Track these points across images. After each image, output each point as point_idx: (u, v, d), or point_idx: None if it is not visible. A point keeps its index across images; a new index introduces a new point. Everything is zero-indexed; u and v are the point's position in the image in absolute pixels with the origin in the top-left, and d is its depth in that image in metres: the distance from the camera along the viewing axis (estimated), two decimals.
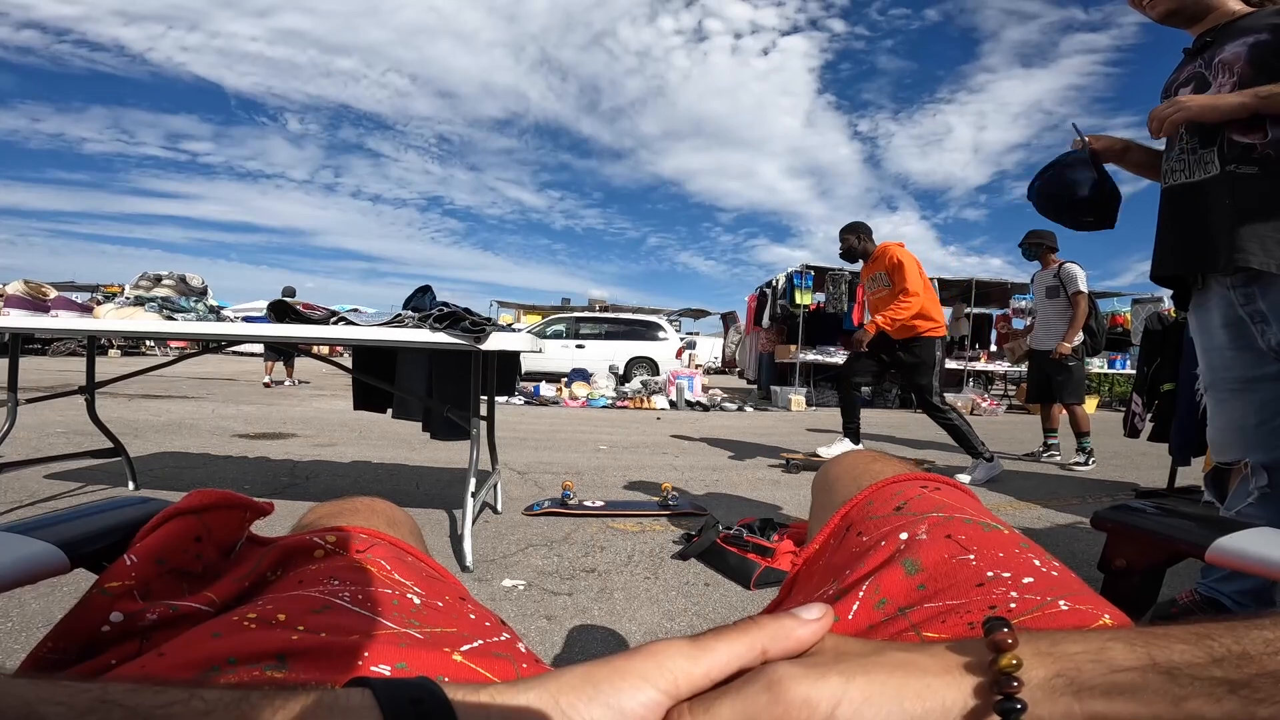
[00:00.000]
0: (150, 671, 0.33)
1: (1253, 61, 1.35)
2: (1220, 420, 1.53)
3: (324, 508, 0.58)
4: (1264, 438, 1.41)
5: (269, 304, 2.10)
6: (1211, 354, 1.54)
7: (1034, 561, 0.42)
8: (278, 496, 2.68)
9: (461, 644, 0.40)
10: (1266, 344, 1.39)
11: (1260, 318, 1.39)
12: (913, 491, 0.53)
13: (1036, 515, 3.00)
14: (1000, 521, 0.48)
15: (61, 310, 2.32)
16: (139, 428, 4.39)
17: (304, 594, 0.40)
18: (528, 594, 1.82)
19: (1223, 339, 1.49)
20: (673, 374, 9.37)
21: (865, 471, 0.60)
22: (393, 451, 3.98)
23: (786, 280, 9.92)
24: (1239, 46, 1.38)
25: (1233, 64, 1.38)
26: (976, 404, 9.07)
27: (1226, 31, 1.44)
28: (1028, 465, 4.56)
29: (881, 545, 0.46)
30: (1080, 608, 0.37)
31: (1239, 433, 1.46)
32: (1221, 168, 1.40)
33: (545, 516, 2.59)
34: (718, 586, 1.94)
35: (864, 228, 3.92)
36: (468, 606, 0.48)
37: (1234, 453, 1.48)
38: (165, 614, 0.38)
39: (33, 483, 2.68)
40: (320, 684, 0.33)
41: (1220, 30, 1.46)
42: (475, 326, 1.98)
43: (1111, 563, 0.55)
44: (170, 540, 0.41)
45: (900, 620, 0.40)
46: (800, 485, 3.46)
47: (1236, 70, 1.37)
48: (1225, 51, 1.41)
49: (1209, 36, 1.48)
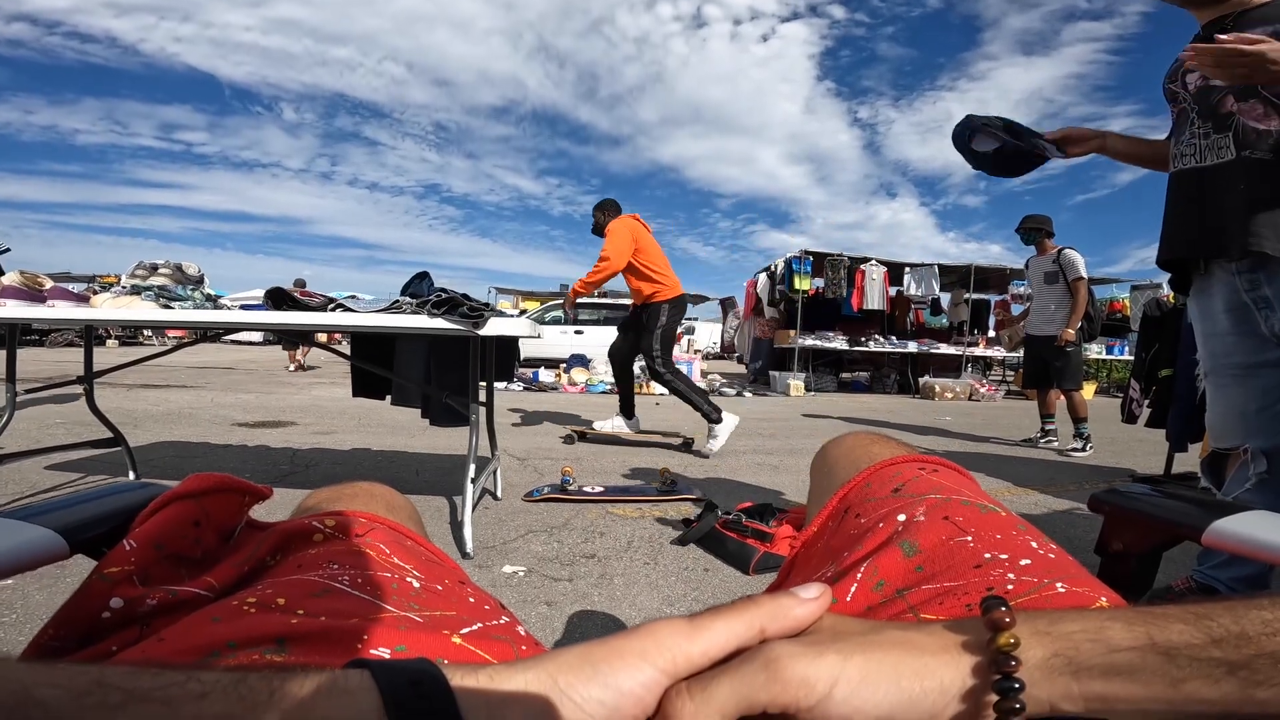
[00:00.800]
0: (151, 657, 0.33)
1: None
2: (1220, 406, 1.53)
3: (323, 492, 0.58)
4: (1265, 424, 1.42)
5: (266, 291, 2.10)
6: (1213, 340, 1.54)
7: (1031, 544, 0.42)
8: (278, 484, 2.69)
9: (461, 627, 0.40)
10: (1270, 330, 1.40)
11: (1265, 303, 1.40)
12: (910, 473, 0.53)
13: (1034, 501, 3.01)
14: (998, 503, 0.48)
15: (58, 300, 2.31)
16: (138, 417, 4.40)
17: (303, 578, 0.40)
18: (528, 580, 1.83)
19: (1225, 324, 1.49)
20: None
21: (864, 454, 0.60)
22: (392, 438, 3.98)
23: (785, 265, 9.90)
24: (1261, 34, 1.35)
25: None
26: (974, 389, 9.09)
27: (1248, 19, 1.42)
28: (1025, 451, 4.58)
29: (879, 527, 0.46)
30: (1077, 590, 0.37)
31: (1240, 418, 1.47)
32: (1237, 153, 1.40)
33: (545, 502, 2.60)
34: (717, 572, 1.95)
35: (610, 204, 4.14)
36: (467, 590, 0.48)
37: (1234, 439, 1.49)
38: (165, 599, 0.38)
39: (33, 474, 2.69)
40: (319, 666, 0.33)
41: (1239, 17, 1.44)
42: (473, 312, 1.98)
43: (1109, 546, 0.56)
44: (169, 525, 0.41)
45: (898, 602, 0.40)
46: (799, 470, 3.47)
47: None
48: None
49: (1228, 22, 1.45)
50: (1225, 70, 1.30)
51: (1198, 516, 0.48)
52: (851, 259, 9.81)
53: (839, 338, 9.97)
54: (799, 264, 9.67)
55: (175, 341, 10.43)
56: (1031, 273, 4.71)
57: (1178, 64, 1.57)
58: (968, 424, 6.08)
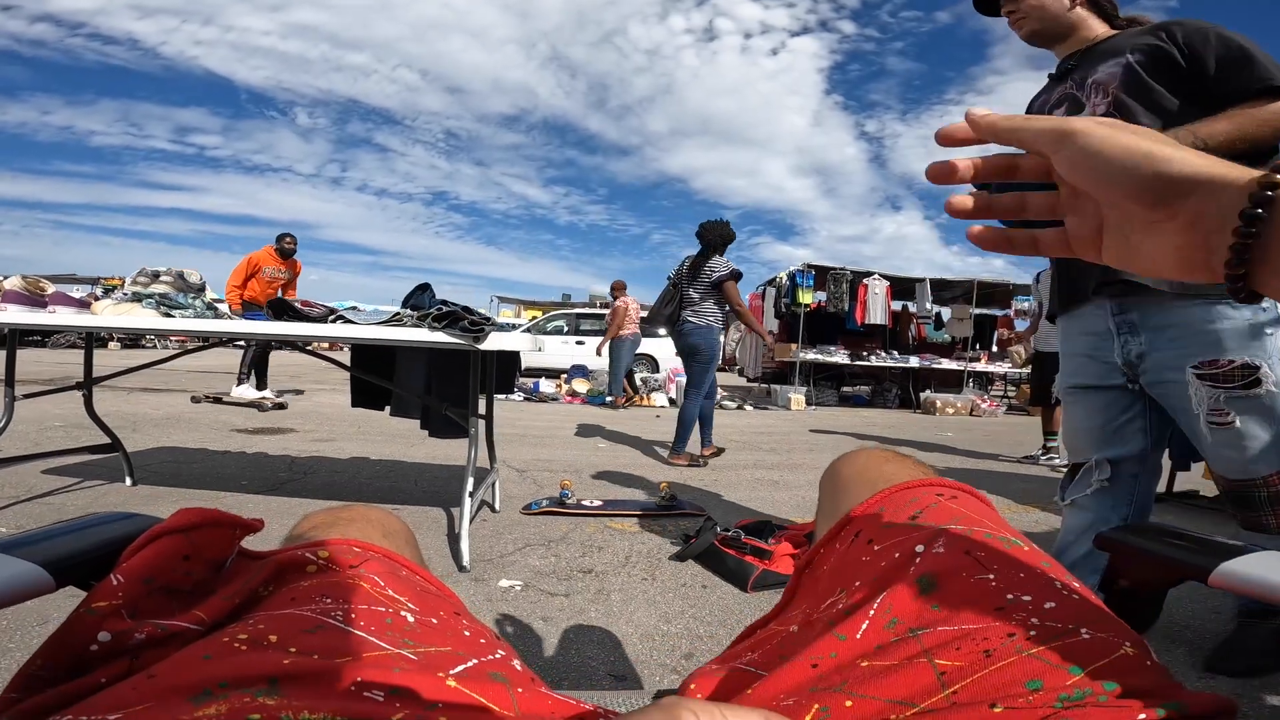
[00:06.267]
0: (143, 694, 0.33)
1: (1126, 83, 1.35)
2: (1072, 421, 1.61)
3: (318, 516, 0.57)
4: (1107, 438, 1.52)
5: (268, 301, 2.10)
6: (1069, 360, 1.60)
7: (1056, 584, 0.40)
8: (276, 492, 2.68)
9: (455, 665, 0.40)
10: (1122, 356, 1.44)
11: (1128, 328, 1.43)
12: (928, 499, 0.51)
13: (1035, 519, 3.00)
14: (1021, 536, 0.46)
15: (59, 306, 2.31)
16: (137, 422, 4.39)
17: (296, 613, 0.40)
18: (525, 595, 1.82)
19: (1081, 346, 1.55)
20: (673, 371, 9.34)
21: (879, 474, 0.58)
22: (391, 447, 3.97)
23: (789, 279, 9.91)
24: (1113, 67, 1.38)
25: (1107, 84, 1.38)
26: (976, 405, 9.07)
27: (1094, 53, 1.44)
28: (1026, 468, 4.56)
29: (895, 557, 0.44)
30: (1102, 636, 0.35)
31: (1087, 433, 1.55)
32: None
33: (543, 516, 2.59)
34: (715, 589, 1.94)
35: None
36: (462, 622, 0.47)
37: (1083, 454, 1.56)
38: (154, 633, 0.37)
39: (30, 477, 2.68)
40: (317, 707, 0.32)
41: (1085, 53, 1.46)
42: (474, 326, 1.97)
43: (1115, 583, 0.55)
44: (157, 560, 0.40)
45: (911, 643, 0.38)
46: (799, 486, 3.45)
47: (1111, 91, 1.37)
48: (1099, 72, 1.41)
49: (1074, 60, 1.48)
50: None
51: (1206, 558, 0.47)
52: (854, 273, 9.82)
53: (841, 351, 9.96)
54: (802, 277, 9.68)
55: (178, 346, 10.44)
56: (1043, 286, 4.63)
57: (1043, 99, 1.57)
58: (969, 440, 6.07)
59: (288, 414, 5.36)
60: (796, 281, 9.69)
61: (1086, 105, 1.43)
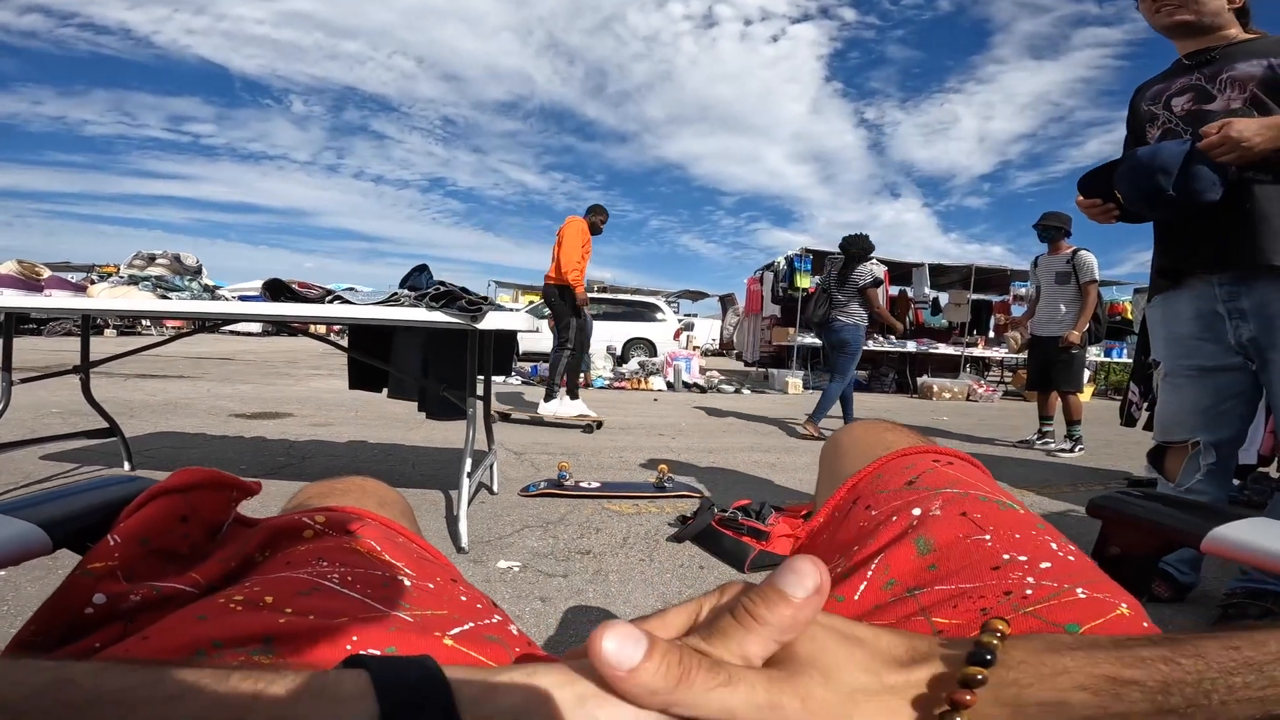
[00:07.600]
0: (134, 655, 0.33)
1: (1265, 81, 1.45)
2: (1175, 403, 1.67)
3: (314, 487, 0.57)
4: (1213, 420, 1.58)
5: (264, 283, 2.09)
6: (1174, 343, 1.66)
7: (1051, 544, 0.41)
8: (274, 476, 2.69)
9: (452, 626, 0.40)
10: (1236, 339, 1.51)
11: (1239, 315, 1.50)
12: (925, 464, 0.51)
13: (1030, 503, 3.01)
14: (1016, 500, 0.46)
15: (55, 290, 2.29)
16: (135, 407, 4.38)
17: (292, 575, 0.40)
18: (523, 575, 1.83)
19: (1190, 329, 1.61)
20: (670, 355, 9.35)
21: (877, 442, 0.58)
22: (389, 431, 3.98)
23: (786, 263, 9.88)
24: (1254, 66, 1.46)
25: (1246, 82, 1.47)
26: (972, 390, 9.08)
27: (1235, 51, 1.51)
28: (1021, 452, 4.58)
29: (892, 520, 0.45)
30: (1098, 596, 0.36)
31: (1192, 414, 1.61)
32: (1240, 174, 1.48)
33: (541, 498, 2.59)
34: (712, 569, 1.95)
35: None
36: (459, 588, 0.47)
37: (1183, 432, 1.62)
38: (149, 596, 0.37)
39: (28, 464, 2.68)
40: (310, 666, 0.32)
41: (1228, 49, 1.53)
42: (471, 305, 1.97)
43: (1106, 550, 0.55)
44: (154, 520, 0.40)
45: (909, 602, 0.39)
46: (796, 468, 3.47)
47: (1249, 88, 1.46)
48: (1237, 69, 1.48)
49: (1214, 53, 1.54)
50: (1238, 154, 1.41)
51: (1197, 523, 0.48)
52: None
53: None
54: (800, 262, 9.66)
55: (173, 331, 10.41)
56: (1041, 271, 4.59)
57: (1162, 87, 1.64)
58: (965, 424, 6.09)
59: (285, 399, 5.35)
60: (794, 266, 9.67)
61: (1219, 97, 1.51)
